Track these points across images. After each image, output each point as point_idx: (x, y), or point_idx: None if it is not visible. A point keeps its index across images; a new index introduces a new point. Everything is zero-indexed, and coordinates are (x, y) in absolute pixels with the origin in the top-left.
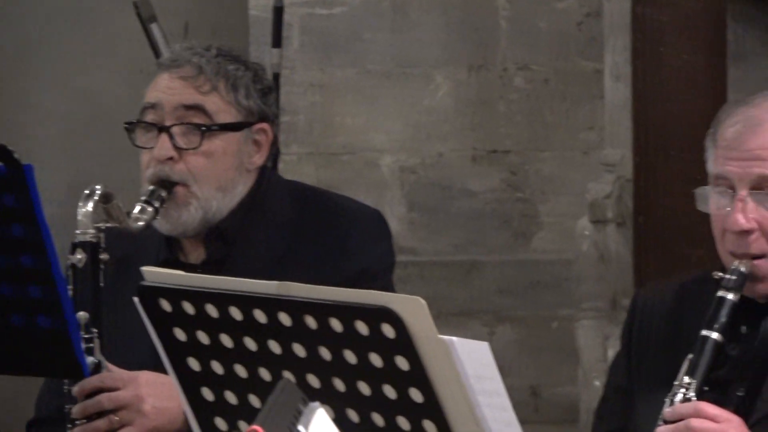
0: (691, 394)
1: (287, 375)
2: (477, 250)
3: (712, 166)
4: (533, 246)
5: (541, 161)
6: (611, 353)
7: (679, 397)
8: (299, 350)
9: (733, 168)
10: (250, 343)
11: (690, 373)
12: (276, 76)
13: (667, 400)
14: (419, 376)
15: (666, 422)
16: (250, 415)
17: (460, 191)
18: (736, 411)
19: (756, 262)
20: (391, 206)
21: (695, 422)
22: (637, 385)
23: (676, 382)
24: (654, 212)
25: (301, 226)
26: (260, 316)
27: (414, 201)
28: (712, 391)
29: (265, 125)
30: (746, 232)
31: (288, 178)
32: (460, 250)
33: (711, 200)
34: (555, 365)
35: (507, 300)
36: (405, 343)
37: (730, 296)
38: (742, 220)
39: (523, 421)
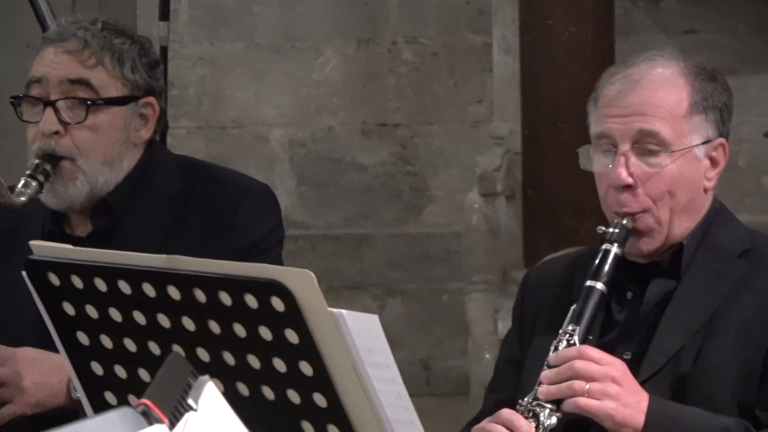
0: (575, 339)
1: (177, 349)
2: (367, 224)
3: (594, 127)
4: (423, 219)
5: (431, 135)
6: (501, 326)
7: (564, 344)
8: (188, 324)
9: (614, 125)
10: (140, 317)
11: (575, 321)
12: (164, 50)
13: (552, 347)
14: (309, 349)
15: (550, 367)
16: (140, 389)
17: (349, 165)
18: None
19: (638, 216)
20: (281, 180)
21: (578, 364)
22: (528, 356)
23: (560, 331)
24: (543, 185)
25: (190, 200)
26: (149, 289)
27: (304, 175)
28: None
29: (151, 99)
30: (629, 187)
31: (178, 152)
32: (351, 223)
33: (595, 160)
34: (446, 338)
35: (397, 273)
36: (294, 316)
37: (614, 249)
38: (624, 175)
39: (414, 395)
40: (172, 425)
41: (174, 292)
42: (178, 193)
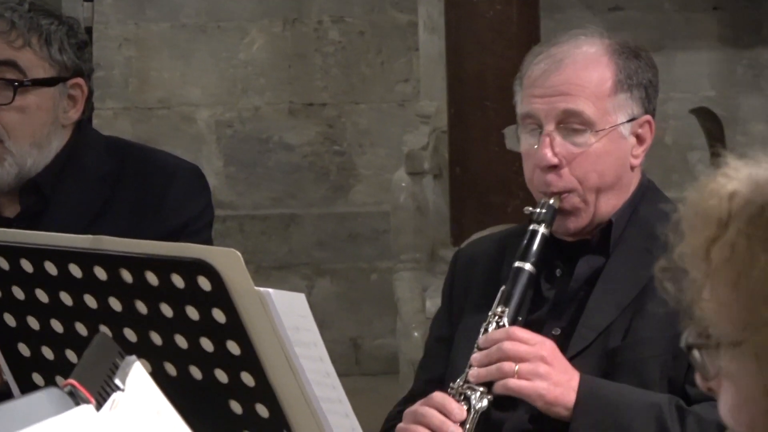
0: (505, 321)
1: (104, 329)
2: (295, 204)
3: (520, 107)
4: (351, 199)
5: (358, 114)
6: (429, 304)
7: (493, 325)
8: (115, 304)
9: (539, 105)
10: (66, 298)
11: (504, 302)
12: (88, 31)
13: (482, 329)
14: (236, 328)
15: (480, 349)
16: (67, 369)
17: (277, 145)
18: None
19: (565, 196)
20: (208, 160)
21: (507, 345)
22: (457, 335)
23: (490, 312)
24: (470, 163)
25: (120, 181)
26: (76, 270)
27: (231, 155)
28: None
29: (80, 80)
30: (555, 167)
31: (104, 134)
32: (278, 203)
33: (521, 140)
34: (375, 317)
35: (326, 253)
36: (221, 296)
37: (541, 229)
38: (549, 155)
39: (344, 374)
40: (99, 405)
41: (100, 273)
42: (107, 174)
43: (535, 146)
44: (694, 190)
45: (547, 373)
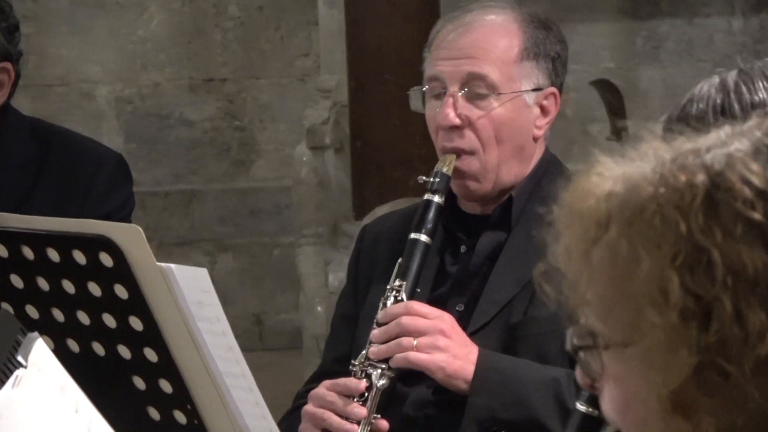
0: (403, 295)
1: (5, 306)
2: (196, 180)
3: (426, 70)
4: (252, 174)
5: (258, 89)
6: (332, 279)
7: (391, 300)
8: (17, 281)
9: (444, 67)
10: None
11: (401, 276)
12: None
13: (381, 304)
14: (138, 304)
15: (379, 325)
16: None
17: (177, 120)
18: None
19: (465, 158)
20: (108, 137)
21: (406, 320)
22: (362, 312)
23: (388, 287)
24: (371, 137)
25: (45, 168)
26: None
27: (131, 131)
28: (433, 306)
29: (7, 64)
30: (457, 128)
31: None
32: (180, 179)
33: (426, 103)
34: (278, 293)
35: (228, 229)
36: (123, 272)
37: (436, 198)
38: (451, 115)
39: (247, 350)
40: (2, 382)
41: (1, 250)
42: (32, 160)
43: (438, 109)
44: (568, 190)
45: (447, 346)
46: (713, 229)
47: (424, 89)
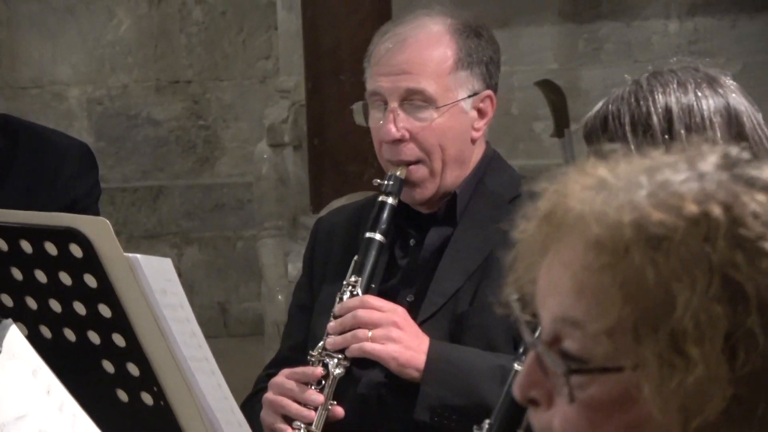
0: (358, 290)
1: None
2: (163, 176)
3: (368, 84)
4: (216, 170)
5: (221, 90)
6: (291, 269)
7: (347, 294)
8: None
9: (384, 83)
10: None
11: (357, 272)
12: None
13: (337, 298)
14: (107, 292)
15: (336, 318)
16: None
17: (144, 120)
18: None
19: (411, 167)
20: (79, 136)
21: (361, 312)
22: (318, 302)
23: (344, 282)
24: (327, 134)
25: (13, 160)
26: None
27: (101, 130)
28: (384, 297)
29: None
30: (399, 141)
31: None
32: (147, 176)
33: (369, 116)
34: (240, 283)
35: (193, 223)
36: (92, 262)
37: (389, 200)
38: (393, 130)
39: (213, 336)
40: None
41: None
42: (0, 152)
43: (381, 121)
44: (556, 210)
45: (399, 337)
46: (738, 261)
47: (366, 103)
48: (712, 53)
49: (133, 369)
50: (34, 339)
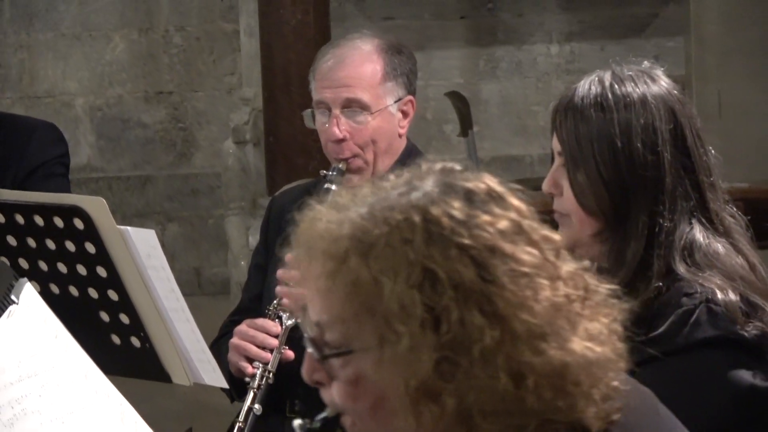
0: None
1: (2, 259)
2: (150, 168)
3: (314, 94)
4: (192, 163)
5: (197, 99)
6: (251, 240)
7: None
8: (11, 240)
9: (328, 94)
10: None
11: None
12: None
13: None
14: (103, 257)
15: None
16: None
17: (135, 123)
18: None
19: (351, 160)
20: (84, 136)
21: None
22: (271, 265)
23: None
24: (280, 134)
25: None
26: None
27: (101, 132)
28: None
29: None
30: (341, 140)
31: None
32: (138, 168)
33: (316, 120)
34: (212, 252)
35: (174, 205)
36: (92, 233)
37: (333, 187)
38: (337, 132)
39: (189, 294)
40: None
41: None
42: None
43: (326, 124)
44: (299, 233)
45: None
46: (433, 253)
47: (312, 111)
48: (586, 71)
49: (124, 318)
50: (45, 294)
